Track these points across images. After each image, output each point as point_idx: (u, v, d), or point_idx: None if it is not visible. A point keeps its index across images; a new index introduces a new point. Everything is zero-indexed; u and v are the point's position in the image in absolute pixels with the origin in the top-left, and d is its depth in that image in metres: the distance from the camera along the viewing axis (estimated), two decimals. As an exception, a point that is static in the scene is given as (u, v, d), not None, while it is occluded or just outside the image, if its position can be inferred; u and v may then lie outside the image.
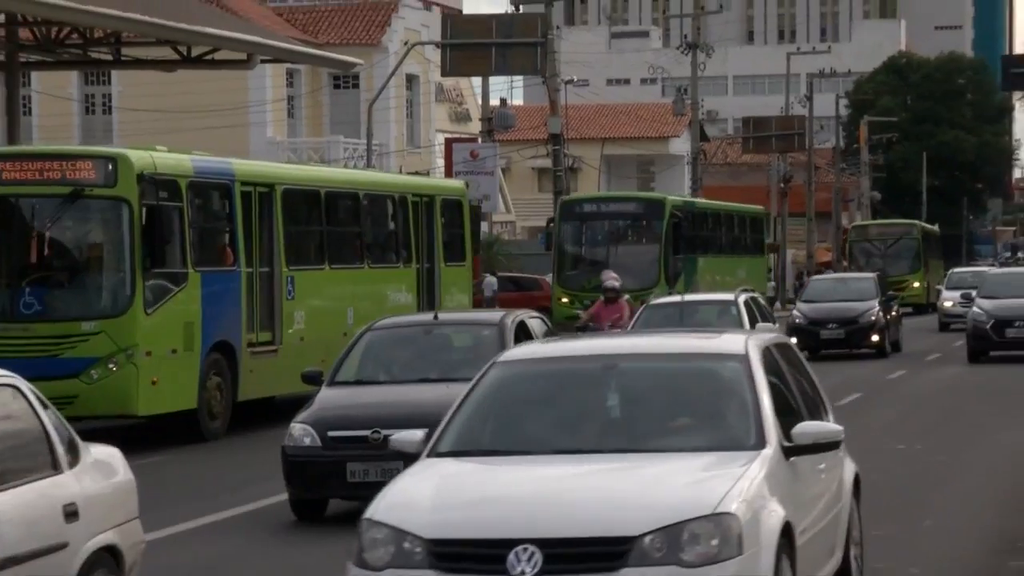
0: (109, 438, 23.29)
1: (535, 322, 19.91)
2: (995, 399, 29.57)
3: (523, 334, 18.63)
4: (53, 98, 57.72)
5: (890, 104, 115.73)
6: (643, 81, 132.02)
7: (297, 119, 66.37)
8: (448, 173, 57.83)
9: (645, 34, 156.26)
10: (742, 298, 28.57)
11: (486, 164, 55.14)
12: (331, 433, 16.40)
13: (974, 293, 41.23)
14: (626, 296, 26.80)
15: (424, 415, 14.08)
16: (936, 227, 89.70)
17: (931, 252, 76.18)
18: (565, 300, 45.42)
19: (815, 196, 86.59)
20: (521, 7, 60.63)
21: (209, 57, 38.92)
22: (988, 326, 37.74)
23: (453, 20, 59.83)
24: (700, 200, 58.56)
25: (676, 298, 28.97)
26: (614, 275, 27.73)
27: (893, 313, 43.32)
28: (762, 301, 31.50)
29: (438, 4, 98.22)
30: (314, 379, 17.96)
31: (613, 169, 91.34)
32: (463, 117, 75.87)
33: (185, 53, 38.31)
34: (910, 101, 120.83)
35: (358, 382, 17.83)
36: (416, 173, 50.58)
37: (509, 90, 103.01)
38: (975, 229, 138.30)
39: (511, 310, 20.91)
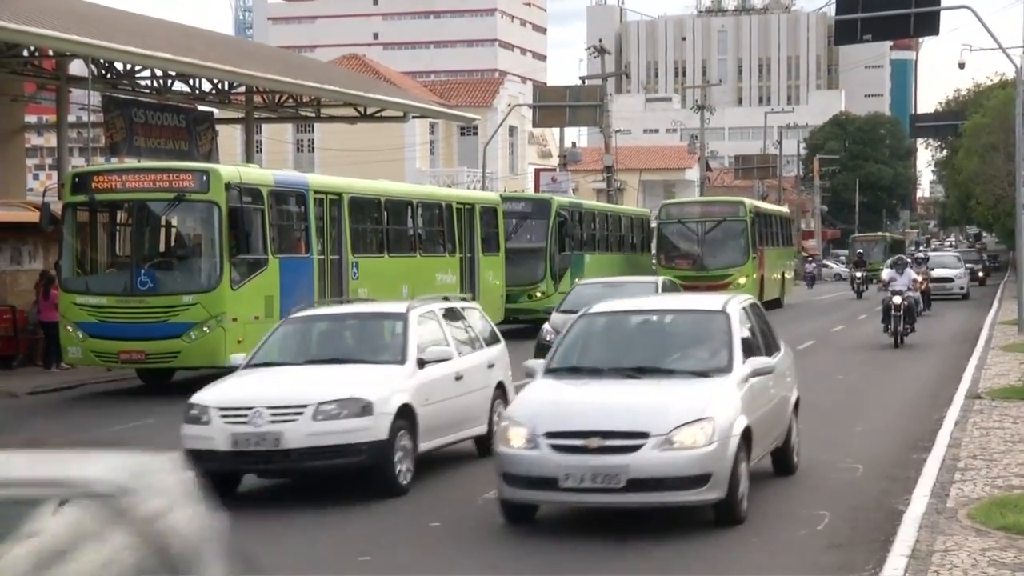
0: (205, 383, 22.40)
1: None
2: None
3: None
4: (276, 141, 58.01)
5: (834, 147, 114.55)
6: (668, 131, 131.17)
7: (436, 155, 66.38)
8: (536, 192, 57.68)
9: (669, 99, 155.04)
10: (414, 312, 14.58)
11: (562, 186, 54.81)
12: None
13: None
14: None
15: None
16: (785, 208, 59.65)
17: (768, 237, 42.85)
18: None
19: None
20: (586, 81, 60.42)
21: (379, 114, 39.01)
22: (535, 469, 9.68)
23: (540, 89, 59.86)
24: (587, 201, 44.06)
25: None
26: None
27: None
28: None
29: (531, 79, 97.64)
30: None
31: (647, 190, 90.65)
32: (547, 154, 75.59)
33: (363, 111, 38.46)
34: (848, 145, 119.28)
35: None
36: (515, 191, 50.30)
37: (577, 136, 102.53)
38: (890, 231, 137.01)
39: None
